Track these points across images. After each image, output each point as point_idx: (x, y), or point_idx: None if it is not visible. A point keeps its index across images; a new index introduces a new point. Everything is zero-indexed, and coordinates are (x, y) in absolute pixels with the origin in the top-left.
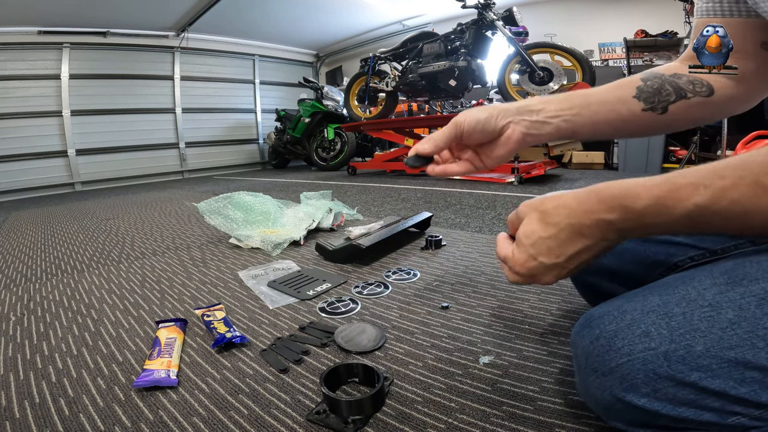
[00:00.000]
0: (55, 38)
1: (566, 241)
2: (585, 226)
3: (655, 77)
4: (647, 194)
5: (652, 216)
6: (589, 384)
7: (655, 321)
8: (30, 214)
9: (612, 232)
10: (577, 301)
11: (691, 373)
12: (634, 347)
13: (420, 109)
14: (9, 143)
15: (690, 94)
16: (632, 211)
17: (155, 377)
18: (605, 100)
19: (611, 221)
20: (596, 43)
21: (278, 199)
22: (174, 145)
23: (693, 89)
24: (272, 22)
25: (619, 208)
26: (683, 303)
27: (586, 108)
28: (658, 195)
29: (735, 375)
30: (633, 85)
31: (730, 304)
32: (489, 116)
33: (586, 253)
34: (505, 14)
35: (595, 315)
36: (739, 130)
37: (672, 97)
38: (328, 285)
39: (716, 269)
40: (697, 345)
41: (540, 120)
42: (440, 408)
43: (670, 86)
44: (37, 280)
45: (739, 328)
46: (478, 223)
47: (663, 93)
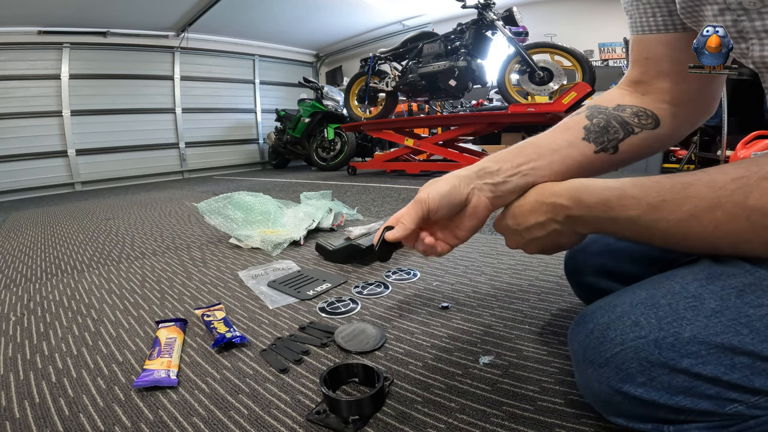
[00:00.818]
0: (55, 38)
1: (527, 212)
2: (543, 203)
3: (600, 112)
4: (599, 194)
5: (599, 211)
6: (587, 378)
7: (643, 311)
8: (30, 214)
9: (562, 215)
10: (577, 301)
11: (682, 360)
12: (626, 336)
13: (420, 109)
14: (9, 143)
15: (637, 129)
16: (583, 203)
17: (155, 377)
18: (557, 148)
19: (565, 206)
20: (596, 43)
21: (278, 199)
22: (174, 145)
23: (639, 122)
24: (272, 22)
25: (574, 198)
26: (668, 295)
27: (540, 158)
28: (607, 197)
29: (725, 360)
30: (579, 125)
31: (712, 295)
32: (452, 188)
33: (538, 229)
34: (505, 14)
35: (588, 311)
36: (739, 130)
37: (620, 135)
38: (328, 285)
39: (696, 267)
40: (684, 332)
41: (500, 181)
42: (440, 408)
43: (615, 122)
44: (37, 280)
45: (722, 316)
46: None
47: (610, 131)
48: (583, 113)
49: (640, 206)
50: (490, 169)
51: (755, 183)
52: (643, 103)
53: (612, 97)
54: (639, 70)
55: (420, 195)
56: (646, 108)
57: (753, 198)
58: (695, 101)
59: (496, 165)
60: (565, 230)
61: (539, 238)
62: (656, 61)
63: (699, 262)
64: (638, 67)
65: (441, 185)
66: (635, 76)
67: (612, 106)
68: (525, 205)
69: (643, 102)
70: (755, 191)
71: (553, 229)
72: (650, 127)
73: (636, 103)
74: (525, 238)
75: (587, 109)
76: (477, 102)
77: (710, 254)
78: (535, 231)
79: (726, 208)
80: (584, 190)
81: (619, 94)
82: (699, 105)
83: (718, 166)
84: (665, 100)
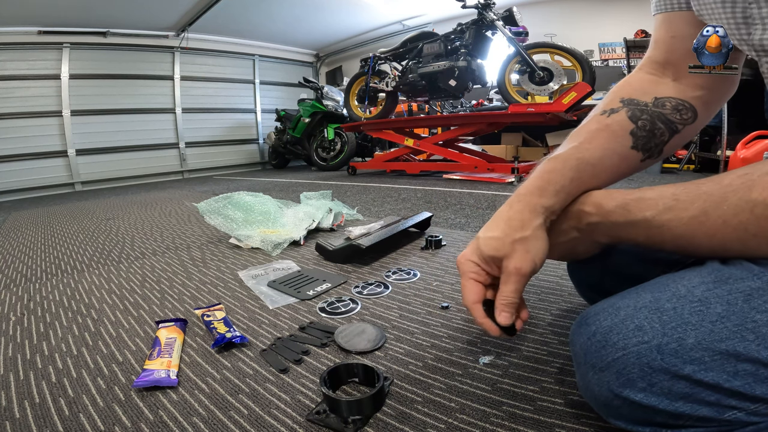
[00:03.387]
0: (55, 38)
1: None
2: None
3: (642, 111)
4: (620, 198)
5: (617, 215)
6: (588, 380)
7: (647, 316)
8: (30, 214)
9: (585, 223)
10: (577, 301)
11: (684, 366)
12: (629, 341)
13: (420, 109)
14: (9, 143)
15: (680, 126)
16: (603, 208)
17: (155, 377)
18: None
19: (587, 212)
20: (596, 43)
21: (278, 199)
22: (174, 145)
23: (681, 118)
24: (272, 22)
25: (595, 204)
26: (674, 299)
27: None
28: (627, 200)
29: (728, 367)
30: (625, 129)
31: (718, 300)
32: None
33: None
34: (505, 14)
35: (591, 313)
36: (739, 130)
37: (666, 137)
38: (328, 285)
39: (704, 270)
40: (688, 338)
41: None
42: (440, 408)
43: (660, 122)
44: (37, 280)
45: (728, 321)
46: (478, 223)
47: (657, 134)
48: (623, 112)
49: (656, 206)
50: (554, 208)
51: (758, 178)
52: (679, 92)
53: (644, 87)
54: (664, 49)
55: (517, 265)
56: (685, 100)
57: (756, 191)
58: (724, 81)
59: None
60: (584, 238)
61: (558, 245)
62: (684, 39)
63: (706, 264)
64: (663, 47)
65: (540, 246)
66: (660, 56)
67: (650, 101)
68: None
69: (678, 91)
70: (758, 185)
71: (573, 236)
72: (690, 122)
73: (673, 94)
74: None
75: (625, 105)
76: (477, 102)
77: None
78: (555, 237)
79: (731, 201)
80: (606, 196)
81: (651, 81)
82: (728, 86)
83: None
84: (698, 85)
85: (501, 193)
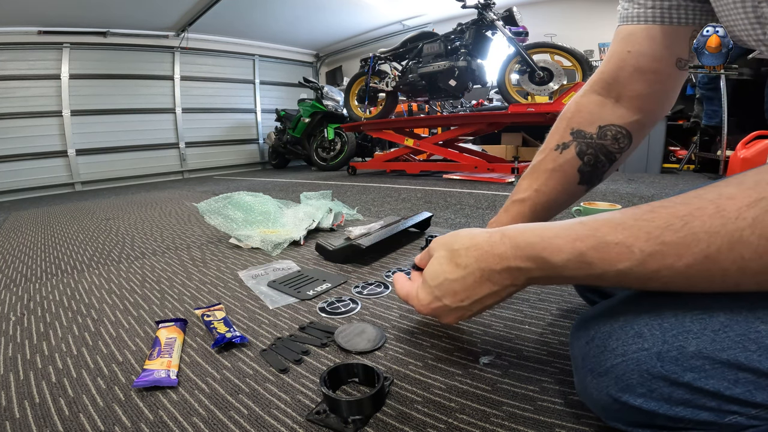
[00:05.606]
0: (55, 38)
1: (473, 285)
2: (495, 272)
3: (588, 145)
4: (569, 248)
5: (572, 270)
6: (586, 384)
7: (647, 322)
8: (30, 214)
9: (522, 279)
10: (577, 301)
11: (684, 374)
12: (628, 348)
13: (420, 109)
14: (9, 143)
15: (618, 155)
16: (549, 263)
17: (155, 377)
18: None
19: (524, 269)
20: (596, 43)
21: (278, 199)
22: (174, 145)
23: (618, 147)
24: (272, 22)
25: (536, 259)
26: (675, 305)
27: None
28: (581, 251)
29: (729, 376)
30: (574, 167)
31: (722, 308)
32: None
33: (491, 298)
34: (505, 14)
35: (590, 315)
36: (739, 130)
37: (606, 167)
38: (328, 285)
39: None
40: (689, 346)
41: None
42: (440, 408)
43: (602, 155)
44: (37, 280)
45: (731, 331)
46: (478, 223)
47: (599, 167)
48: (572, 148)
49: (632, 256)
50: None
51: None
52: (620, 117)
53: (591, 111)
54: (615, 64)
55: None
56: (623, 126)
57: None
58: (661, 104)
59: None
60: (523, 287)
61: (490, 304)
62: (638, 56)
63: None
64: (615, 62)
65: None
66: (609, 73)
67: (595, 132)
68: (467, 278)
69: (619, 116)
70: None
71: (509, 292)
72: (626, 148)
73: (614, 120)
74: (472, 311)
75: (575, 139)
76: (477, 102)
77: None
78: (487, 300)
79: (751, 242)
80: (547, 246)
81: (597, 104)
82: (663, 108)
83: (709, 186)
84: (637, 108)
85: (501, 193)
